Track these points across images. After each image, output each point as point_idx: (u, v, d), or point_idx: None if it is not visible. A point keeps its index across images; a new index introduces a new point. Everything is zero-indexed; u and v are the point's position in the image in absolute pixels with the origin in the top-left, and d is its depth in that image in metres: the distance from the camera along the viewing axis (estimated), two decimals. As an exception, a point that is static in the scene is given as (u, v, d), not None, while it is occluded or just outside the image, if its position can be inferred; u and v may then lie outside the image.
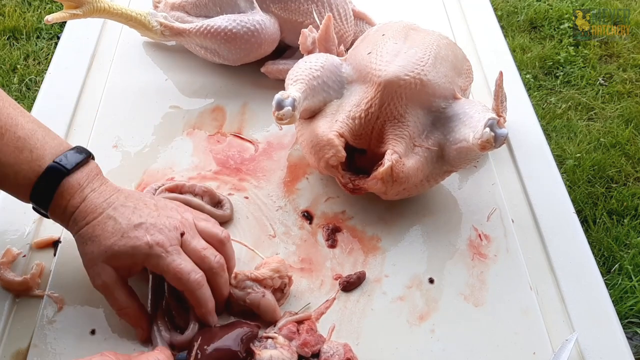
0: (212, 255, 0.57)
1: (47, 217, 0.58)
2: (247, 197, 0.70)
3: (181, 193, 0.67)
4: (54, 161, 0.55)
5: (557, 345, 0.59)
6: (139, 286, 0.59)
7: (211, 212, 0.66)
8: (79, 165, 0.56)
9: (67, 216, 0.56)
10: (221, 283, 0.58)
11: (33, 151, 0.55)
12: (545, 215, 0.71)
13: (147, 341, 0.57)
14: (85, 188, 0.56)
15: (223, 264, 0.58)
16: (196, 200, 0.66)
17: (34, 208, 0.58)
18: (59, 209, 0.56)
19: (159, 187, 0.67)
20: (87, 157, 0.58)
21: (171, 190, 0.67)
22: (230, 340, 0.53)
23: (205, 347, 0.53)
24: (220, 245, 0.59)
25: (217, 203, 0.68)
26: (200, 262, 0.56)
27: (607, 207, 1.64)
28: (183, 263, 0.55)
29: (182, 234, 0.56)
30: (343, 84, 0.69)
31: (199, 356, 0.52)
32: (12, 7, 2.07)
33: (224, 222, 0.67)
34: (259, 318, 0.59)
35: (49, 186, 0.55)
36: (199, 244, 0.57)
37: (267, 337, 0.56)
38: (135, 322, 0.57)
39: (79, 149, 0.58)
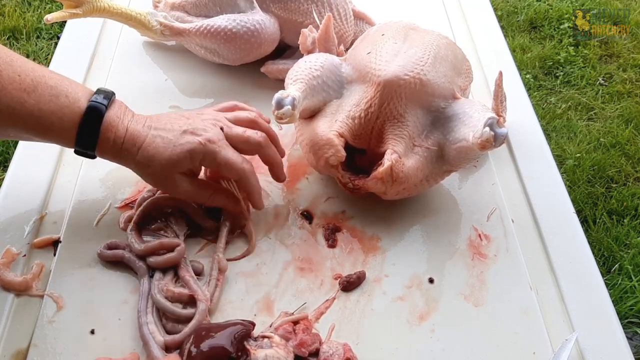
0: (254, 133, 0.64)
1: (93, 157, 0.61)
2: (247, 197, 0.70)
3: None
4: (90, 101, 0.60)
5: (557, 345, 0.59)
6: (133, 293, 0.59)
7: (203, 218, 0.66)
8: (110, 102, 0.61)
9: (117, 147, 0.60)
10: (272, 153, 0.66)
11: (68, 96, 0.59)
12: (545, 215, 0.71)
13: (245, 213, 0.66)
14: (123, 119, 0.61)
15: (265, 136, 0.65)
16: (191, 205, 0.66)
17: (77, 152, 0.61)
18: (107, 143, 0.60)
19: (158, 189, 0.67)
20: (112, 94, 0.62)
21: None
22: (222, 338, 0.53)
23: (197, 345, 0.53)
24: (255, 125, 0.66)
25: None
26: (246, 143, 0.64)
27: (607, 207, 1.64)
28: (235, 155, 0.63)
29: (221, 128, 0.63)
30: (343, 83, 0.69)
31: (192, 354, 0.52)
32: (12, 7, 2.07)
33: (215, 228, 0.66)
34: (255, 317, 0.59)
35: (94, 123, 0.59)
36: (238, 129, 0.64)
37: (264, 337, 0.56)
38: (234, 202, 0.66)
39: (103, 90, 0.62)
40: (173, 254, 0.61)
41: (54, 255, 0.63)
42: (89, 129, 0.59)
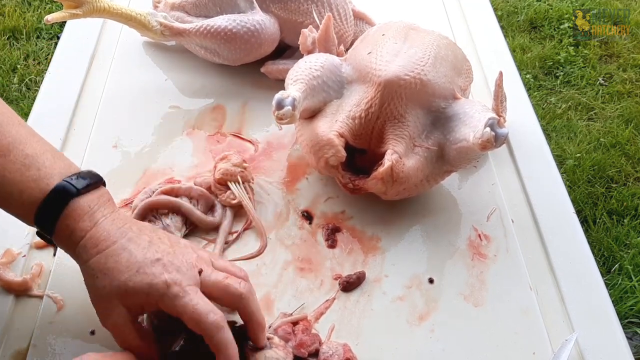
0: (236, 282, 0.53)
1: (51, 243, 0.55)
2: (247, 197, 0.70)
3: (176, 196, 0.66)
4: (63, 180, 0.52)
5: (557, 345, 0.59)
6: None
7: (200, 218, 0.66)
8: (89, 187, 0.53)
9: (74, 241, 0.52)
10: (254, 309, 0.53)
11: (41, 169, 0.52)
12: (545, 215, 0.71)
13: None
14: (95, 212, 0.52)
15: (250, 288, 0.54)
16: (187, 205, 0.65)
17: (38, 233, 0.55)
18: (65, 232, 0.52)
19: (155, 190, 0.67)
20: (97, 180, 0.55)
21: (166, 193, 0.66)
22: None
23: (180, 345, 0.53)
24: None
25: (211, 208, 0.68)
26: (224, 292, 0.52)
27: (607, 207, 1.64)
28: (200, 303, 0.50)
29: (200, 272, 0.52)
30: (343, 83, 0.69)
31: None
32: (12, 7, 2.07)
33: (212, 228, 0.66)
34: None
35: (55, 206, 0.52)
36: (219, 275, 0.53)
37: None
38: None
39: (90, 173, 0.55)
40: None
41: (54, 255, 0.63)
42: (49, 211, 0.52)
